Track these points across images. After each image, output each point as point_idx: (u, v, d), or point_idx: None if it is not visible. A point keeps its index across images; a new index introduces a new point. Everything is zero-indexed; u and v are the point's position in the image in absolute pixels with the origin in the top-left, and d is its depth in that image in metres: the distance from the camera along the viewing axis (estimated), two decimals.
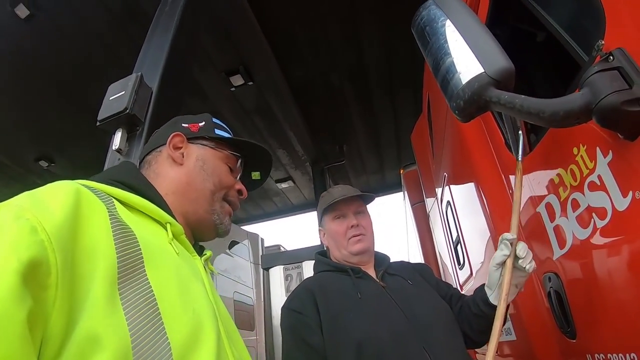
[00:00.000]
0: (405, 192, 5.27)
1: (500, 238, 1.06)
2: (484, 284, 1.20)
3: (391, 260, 1.46)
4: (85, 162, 6.89)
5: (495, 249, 1.75)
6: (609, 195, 0.89)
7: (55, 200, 0.50)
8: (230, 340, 0.65)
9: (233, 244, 5.99)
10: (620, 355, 0.89)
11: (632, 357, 0.83)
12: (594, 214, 0.95)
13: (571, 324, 1.12)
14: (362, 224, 1.39)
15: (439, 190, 3.01)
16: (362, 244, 1.36)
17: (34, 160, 6.75)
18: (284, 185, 8.87)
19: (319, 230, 1.49)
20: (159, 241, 0.65)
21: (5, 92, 5.24)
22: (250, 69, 5.32)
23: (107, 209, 0.57)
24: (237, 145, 0.93)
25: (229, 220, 0.88)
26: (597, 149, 0.90)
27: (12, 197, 0.51)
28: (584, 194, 0.97)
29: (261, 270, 5.69)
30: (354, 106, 6.57)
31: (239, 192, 0.91)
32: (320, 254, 1.47)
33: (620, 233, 0.87)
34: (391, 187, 9.03)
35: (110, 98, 2.27)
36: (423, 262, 3.79)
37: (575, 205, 1.01)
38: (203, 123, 0.92)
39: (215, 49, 4.92)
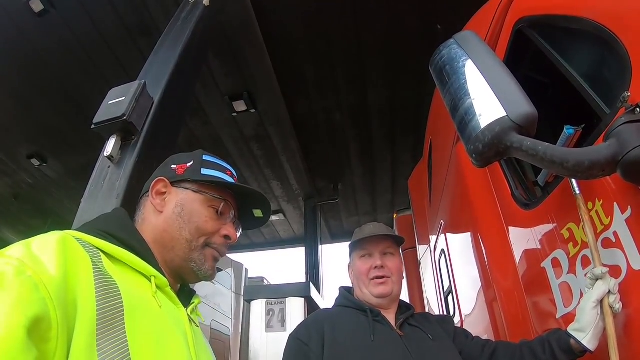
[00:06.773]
0: None
1: (590, 274, 0.91)
2: (557, 329, 1.07)
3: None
4: (77, 167, 6.80)
5: (489, 300, 1.71)
6: (624, 253, 0.85)
7: (49, 256, 0.54)
8: None
9: (216, 270, 5.75)
10: None
11: None
12: None
13: None
14: (389, 265, 1.33)
15: (433, 238, 2.96)
16: (385, 287, 1.30)
17: (26, 157, 6.62)
18: (274, 217, 8.78)
19: (348, 266, 1.45)
20: (142, 294, 0.66)
21: (6, 82, 5.20)
22: (254, 96, 5.38)
23: (93, 262, 0.60)
24: (226, 186, 0.86)
25: (212, 266, 0.83)
26: (615, 204, 0.87)
27: None
28: None
29: (242, 301, 5.48)
30: (353, 147, 6.64)
31: (226, 237, 0.84)
32: (345, 289, 1.44)
33: (634, 292, 0.83)
34: None
35: (110, 102, 2.19)
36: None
37: (586, 262, 0.97)
38: (191, 163, 0.86)
39: (221, 72, 4.98)
